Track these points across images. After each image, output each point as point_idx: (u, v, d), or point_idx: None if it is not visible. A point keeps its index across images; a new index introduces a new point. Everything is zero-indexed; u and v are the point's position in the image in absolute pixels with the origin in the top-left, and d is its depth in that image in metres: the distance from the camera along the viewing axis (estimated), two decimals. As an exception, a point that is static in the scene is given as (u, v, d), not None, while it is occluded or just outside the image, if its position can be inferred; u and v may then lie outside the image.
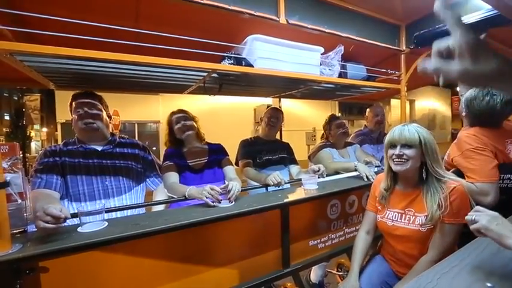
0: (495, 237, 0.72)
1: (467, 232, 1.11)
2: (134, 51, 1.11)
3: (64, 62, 1.15)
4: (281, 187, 1.58)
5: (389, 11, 1.82)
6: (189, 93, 1.92)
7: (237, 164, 2.00)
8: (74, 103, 1.37)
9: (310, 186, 1.59)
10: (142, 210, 1.45)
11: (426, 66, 0.47)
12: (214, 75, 1.45)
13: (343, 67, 1.82)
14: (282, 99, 2.71)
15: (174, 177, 1.55)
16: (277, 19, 1.40)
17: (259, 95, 2.66)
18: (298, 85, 1.92)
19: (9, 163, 0.88)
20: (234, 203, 1.31)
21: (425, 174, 1.17)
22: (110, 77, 1.42)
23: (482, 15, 1.54)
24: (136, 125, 6.83)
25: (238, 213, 1.21)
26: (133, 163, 1.47)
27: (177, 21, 1.40)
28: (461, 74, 0.43)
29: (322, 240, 1.54)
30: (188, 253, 1.12)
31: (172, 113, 1.72)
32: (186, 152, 1.68)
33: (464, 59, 0.42)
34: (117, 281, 0.99)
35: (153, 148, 6.96)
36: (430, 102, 12.03)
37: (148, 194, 1.60)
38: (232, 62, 1.39)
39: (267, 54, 1.42)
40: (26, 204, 0.93)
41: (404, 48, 1.97)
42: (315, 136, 7.54)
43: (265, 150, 2.03)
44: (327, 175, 1.87)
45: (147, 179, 1.56)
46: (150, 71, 1.34)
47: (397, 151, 1.15)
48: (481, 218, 0.75)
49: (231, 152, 1.87)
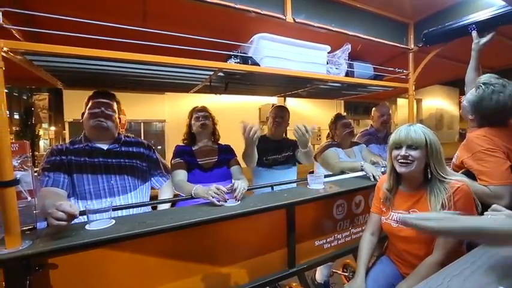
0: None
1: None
2: (141, 51, 1.11)
3: (72, 61, 1.16)
4: (285, 186, 1.56)
5: (398, 9, 1.79)
6: (195, 92, 1.92)
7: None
8: (90, 101, 1.39)
9: (316, 186, 1.58)
10: (148, 209, 1.46)
11: None
12: (221, 74, 1.45)
13: (350, 66, 1.80)
14: (287, 99, 2.70)
15: (182, 174, 1.56)
16: (284, 17, 1.39)
17: (265, 94, 2.65)
18: (305, 84, 1.91)
19: (19, 161, 0.90)
20: (239, 202, 1.31)
21: (429, 175, 1.16)
22: (117, 76, 1.43)
23: (494, 12, 1.50)
24: (142, 124, 6.90)
25: (244, 212, 1.20)
26: (138, 162, 1.48)
27: (183, 20, 1.40)
28: None
29: (328, 240, 1.52)
30: (194, 252, 1.13)
31: (194, 108, 1.75)
32: (197, 151, 1.69)
33: None
34: (124, 278, 1.00)
35: (159, 147, 7.01)
36: (437, 102, 11.84)
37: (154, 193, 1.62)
38: (238, 60, 1.38)
39: (274, 53, 1.42)
40: (36, 201, 0.94)
41: (412, 46, 1.94)
42: (320, 135, 7.50)
43: (271, 150, 2.01)
44: (333, 175, 1.85)
45: (152, 178, 1.57)
46: (157, 70, 1.34)
47: (402, 152, 1.13)
48: (498, 217, 0.73)
49: (237, 151, 1.87)
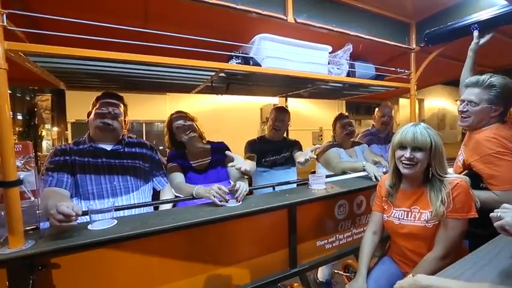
0: None
1: (480, 234, 1.09)
2: (143, 51, 1.12)
3: (75, 62, 1.17)
4: (287, 187, 1.55)
5: (399, 9, 1.79)
6: (197, 92, 1.92)
7: None
8: (98, 101, 1.40)
9: (317, 186, 1.57)
10: (150, 209, 1.47)
11: None
12: (222, 75, 1.45)
13: (352, 66, 1.80)
14: (288, 99, 2.69)
15: (179, 177, 1.56)
16: (285, 18, 1.39)
17: (267, 94, 2.65)
18: (306, 84, 1.91)
19: (22, 161, 0.90)
20: (241, 202, 1.31)
21: (430, 175, 1.17)
22: (119, 76, 1.44)
23: (496, 12, 1.50)
24: (144, 124, 6.91)
25: (246, 212, 1.21)
26: (141, 162, 1.48)
27: (185, 21, 1.41)
28: None
29: (330, 240, 1.52)
30: (196, 252, 1.13)
31: (171, 115, 1.69)
32: (189, 153, 1.68)
33: None
34: (126, 278, 1.01)
35: (160, 147, 7.01)
36: (439, 102, 11.80)
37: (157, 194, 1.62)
38: (239, 61, 1.38)
39: (275, 54, 1.42)
40: (39, 201, 0.95)
41: (414, 46, 1.93)
42: (321, 136, 7.49)
43: (271, 151, 2.01)
44: (335, 175, 1.85)
45: (154, 179, 1.57)
46: (159, 70, 1.35)
47: (407, 154, 1.13)
48: (507, 215, 0.73)
49: (238, 151, 1.87)
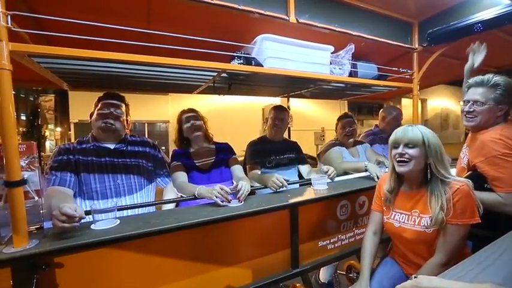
0: None
1: (484, 236, 1.08)
2: (146, 52, 1.13)
3: (78, 63, 1.18)
4: (288, 187, 1.56)
5: (402, 8, 1.78)
6: (199, 93, 1.93)
7: (244, 166, 2.00)
8: (100, 102, 1.41)
9: (319, 187, 1.57)
10: (153, 209, 1.47)
11: None
12: (224, 75, 1.46)
13: (354, 66, 1.80)
14: (290, 99, 2.69)
15: (182, 176, 1.56)
16: (287, 18, 1.39)
17: (269, 94, 2.65)
18: (308, 84, 1.91)
19: (26, 161, 0.91)
20: (243, 202, 1.31)
21: (429, 175, 1.15)
22: (122, 77, 1.45)
23: (500, 11, 1.49)
24: (146, 124, 6.94)
25: (248, 213, 1.21)
26: (144, 161, 1.49)
27: (187, 21, 1.41)
28: None
29: (332, 241, 1.52)
30: (198, 252, 1.13)
31: (183, 111, 1.73)
32: (193, 153, 1.69)
33: None
34: (128, 277, 1.01)
35: (163, 147, 7.04)
36: (442, 102, 11.72)
37: (159, 193, 1.63)
38: (241, 61, 1.39)
39: (277, 54, 1.42)
40: (42, 201, 0.96)
41: (417, 46, 1.92)
42: (323, 136, 7.47)
43: (274, 151, 2.00)
44: (337, 175, 1.84)
45: (157, 178, 1.58)
46: (161, 71, 1.35)
47: (399, 150, 1.14)
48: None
49: (240, 152, 1.88)
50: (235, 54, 1.41)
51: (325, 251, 1.50)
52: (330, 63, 1.67)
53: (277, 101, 5.73)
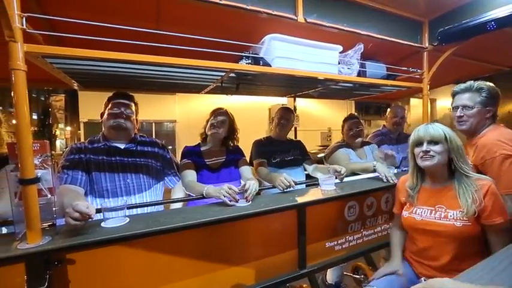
0: None
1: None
2: (154, 52, 1.14)
3: (88, 63, 1.20)
4: (295, 187, 1.56)
5: (412, 7, 1.75)
6: (206, 93, 1.94)
7: (251, 164, 2.01)
8: (110, 102, 1.43)
9: (327, 187, 1.56)
10: (161, 208, 1.49)
11: None
12: (232, 75, 1.46)
13: (362, 66, 1.78)
14: (296, 99, 2.68)
15: (191, 175, 1.58)
16: (295, 18, 1.39)
17: (276, 94, 2.65)
18: (316, 84, 1.90)
19: (40, 160, 0.93)
20: (250, 202, 1.31)
21: (454, 170, 1.17)
22: (131, 77, 1.47)
23: (514, 10, 1.45)
24: (153, 124, 7.02)
25: (255, 212, 1.21)
26: (153, 161, 1.51)
27: (195, 22, 1.42)
28: None
29: (339, 242, 1.51)
30: (205, 251, 1.14)
31: (216, 109, 1.75)
32: (205, 151, 1.71)
33: None
34: (137, 274, 1.02)
35: (170, 147, 7.09)
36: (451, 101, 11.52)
37: (166, 192, 1.64)
38: (249, 61, 1.39)
39: (285, 54, 1.41)
40: (55, 199, 0.98)
41: (427, 45, 1.89)
42: (330, 136, 7.43)
43: (279, 150, 2.01)
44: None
45: (165, 178, 1.59)
46: (170, 71, 1.37)
47: (424, 148, 1.16)
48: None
49: (246, 151, 1.88)
50: (243, 54, 1.41)
51: (333, 252, 1.49)
52: (339, 63, 1.65)
53: (283, 101, 5.72)
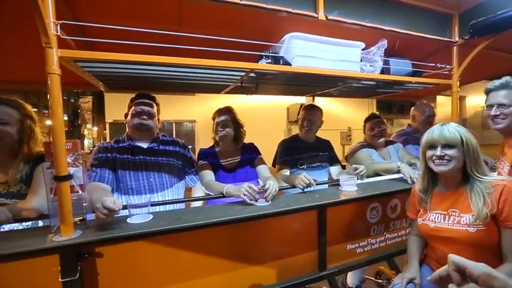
0: None
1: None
2: (176, 54, 1.16)
3: (115, 66, 1.26)
4: (316, 187, 1.53)
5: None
6: (226, 93, 1.96)
7: (273, 165, 1.99)
8: (134, 102, 1.49)
9: (348, 188, 1.53)
10: (182, 206, 1.53)
11: None
12: (252, 75, 1.46)
13: (386, 62, 1.71)
14: (315, 98, 2.64)
15: (210, 175, 1.60)
16: (316, 15, 1.36)
17: (296, 93, 2.62)
18: (337, 83, 1.85)
19: (72, 158, 0.99)
20: (270, 202, 1.31)
21: (467, 174, 1.10)
22: (154, 78, 1.52)
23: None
24: (173, 124, 7.20)
25: (275, 212, 1.21)
26: (174, 160, 1.55)
27: (216, 23, 1.44)
28: None
29: (361, 244, 1.47)
30: (225, 249, 1.16)
31: (216, 111, 1.75)
32: (220, 152, 1.73)
33: None
34: (159, 269, 1.06)
35: (189, 146, 7.23)
36: (484, 99, 10.79)
37: (187, 190, 1.68)
38: (270, 61, 1.38)
39: (305, 52, 1.39)
40: (85, 195, 1.04)
41: (457, 39, 1.78)
42: (350, 136, 7.22)
43: (305, 150, 1.97)
44: (367, 176, 1.77)
45: (186, 176, 1.63)
46: (191, 72, 1.40)
47: (438, 152, 1.09)
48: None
49: (264, 151, 1.87)
50: (263, 53, 1.41)
51: (354, 255, 1.46)
52: (361, 60, 1.60)
53: (302, 100, 5.64)
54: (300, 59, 1.38)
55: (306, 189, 1.51)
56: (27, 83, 1.96)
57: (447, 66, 1.85)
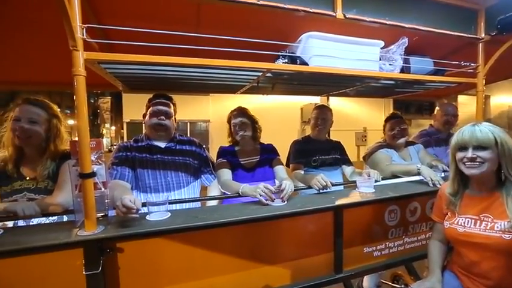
0: None
1: None
2: (193, 54, 1.18)
3: (135, 67, 1.29)
4: (332, 189, 1.51)
5: (465, -6, 1.59)
6: (242, 93, 1.97)
7: (287, 165, 1.99)
8: (151, 102, 1.52)
9: (365, 190, 1.49)
10: (198, 204, 1.55)
11: None
12: (269, 75, 1.46)
13: (406, 61, 1.66)
14: (330, 98, 2.60)
15: (227, 174, 1.62)
16: (334, 14, 1.34)
17: (312, 93, 2.59)
18: (355, 82, 1.82)
19: (95, 156, 1.03)
20: (286, 202, 1.30)
21: (503, 177, 1.04)
22: (171, 79, 1.55)
23: None
24: (188, 124, 7.33)
25: (291, 212, 1.20)
26: (191, 159, 1.58)
27: (233, 23, 1.45)
28: None
29: (379, 248, 1.43)
30: (240, 248, 1.16)
31: (232, 112, 1.77)
32: (239, 151, 1.74)
33: None
34: (176, 266, 1.08)
35: (203, 146, 7.34)
36: (509, 98, 10.23)
37: (202, 189, 1.71)
38: (286, 61, 1.38)
39: (323, 52, 1.38)
40: (107, 192, 1.08)
41: (483, 35, 1.69)
42: (365, 136, 7.07)
43: (318, 151, 1.97)
44: (384, 178, 1.73)
45: (202, 175, 1.65)
46: (209, 72, 1.42)
47: (469, 154, 1.03)
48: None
49: (278, 151, 1.87)
50: (279, 53, 1.41)
51: (371, 258, 1.42)
52: (380, 59, 1.56)
53: (316, 100, 5.57)
54: (317, 59, 1.37)
55: (321, 191, 1.49)
56: (52, 84, 2.05)
57: (472, 64, 1.77)
